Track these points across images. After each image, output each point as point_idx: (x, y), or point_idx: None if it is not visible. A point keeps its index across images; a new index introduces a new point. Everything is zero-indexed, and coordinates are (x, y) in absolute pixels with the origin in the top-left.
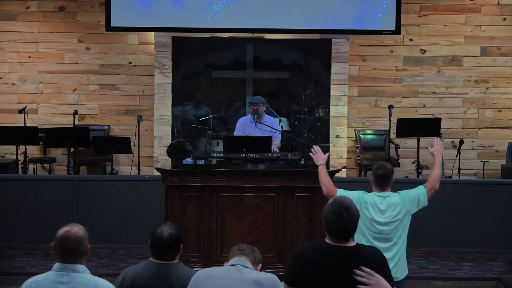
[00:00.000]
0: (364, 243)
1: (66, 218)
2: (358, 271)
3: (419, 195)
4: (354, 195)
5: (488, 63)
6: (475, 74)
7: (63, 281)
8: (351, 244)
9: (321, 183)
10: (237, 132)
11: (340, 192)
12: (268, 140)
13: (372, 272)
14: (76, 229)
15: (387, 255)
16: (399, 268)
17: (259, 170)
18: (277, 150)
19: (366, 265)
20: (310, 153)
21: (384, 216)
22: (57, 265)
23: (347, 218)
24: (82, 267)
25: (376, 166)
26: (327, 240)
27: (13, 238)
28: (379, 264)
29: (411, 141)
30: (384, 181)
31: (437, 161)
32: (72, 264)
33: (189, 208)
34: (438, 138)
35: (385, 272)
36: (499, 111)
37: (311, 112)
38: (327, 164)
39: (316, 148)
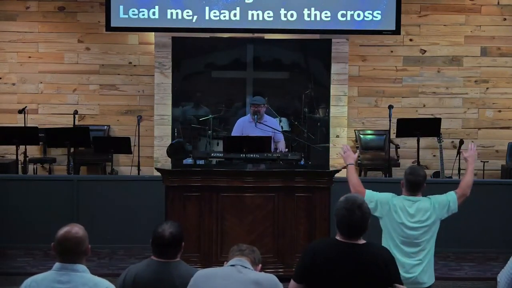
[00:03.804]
0: (392, 246)
1: (66, 218)
2: None
3: (449, 201)
4: (383, 197)
5: (488, 63)
6: (475, 74)
7: (62, 280)
8: (361, 241)
9: (349, 183)
10: (234, 133)
11: (369, 193)
12: (268, 140)
13: None
14: (76, 229)
15: (414, 261)
16: (427, 274)
17: (259, 170)
18: (286, 150)
19: (376, 264)
20: (340, 153)
21: (413, 220)
22: (57, 264)
23: (359, 215)
24: (82, 267)
25: (409, 171)
26: (337, 237)
27: (13, 238)
28: (389, 264)
29: (411, 141)
30: (415, 187)
31: (470, 168)
32: (72, 263)
33: (189, 208)
34: (473, 143)
35: (394, 272)
36: (499, 111)
37: (311, 112)
38: (328, 163)
39: (345, 147)
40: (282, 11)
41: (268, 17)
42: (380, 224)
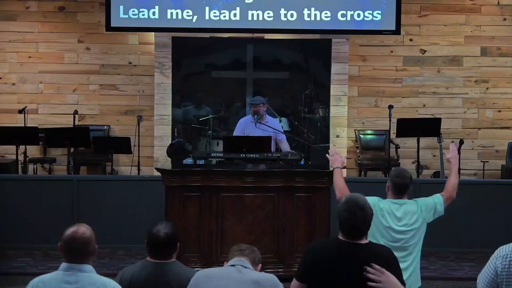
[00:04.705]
0: None
1: (66, 218)
2: (368, 268)
3: (436, 203)
4: (369, 201)
5: (488, 63)
6: (475, 74)
7: (70, 280)
8: (364, 241)
9: (335, 186)
10: (236, 133)
11: None
12: (268, 140)
13: (383, 269)
14: (83, 229)
15: (402, 265)
16: (413, 279)
17: (259, 170)
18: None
19: (379, 263)
20: (327, 155)
21: (400, 224)
22: (64, 265)
23: (360, 217)
24: (89, 267)
25: (395, 173)
26: (340, 237)
27: (13, 238)
28: (392, 263)
29: (411, 141)
30: (402, 190)
31: (453, 169)
32: (79, 264)
33: (189, 208)
34: (454, 144)
35: (396, 272)
36: (499, 111)
37: (311, 112)
38: (328, 163)
39: (332, 150)
40: (282, 11)
41: (268, 17)
42: None
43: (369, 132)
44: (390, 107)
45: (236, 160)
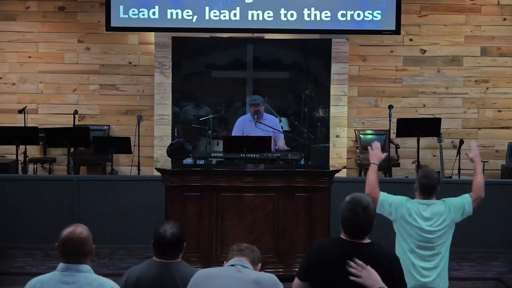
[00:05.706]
0: (407, 250)
1: (66, 218)
2: (351, 263)
3: (464, 204)
4: (397, 201)
5: (488, 63)
6: (475, 74)
7: (68, 281)
8: (366, 241)
9: (366, 181)
10: (235, 132)
11: (384, 196)
12: (268, 140)
13: (364, 265)
14: (80, 229)
15: (429, 264)
16: (442, 279)
17: (259, 170)
18: (285, 147)
19: (381, 263)
20: (369, 147)
21: (428, 224)
22: (61, 265)
23: (363, 217)
24: (86, 267)
25: (422, 174)
26: (342, 236)
27: (13, 238)
28: (393, 264)
29: (411, 141)
30: (429, 190)
31: (478, 168)
32: (76, 264)
33: (189, 208)
34: (474, 142)
35: (398, 272)
36: (499, 111)
37: (311, 112)
38: (328, 163)
39: (374, 144)
40: (282, 11)
41: (268, 17)
42: (394, 228)
43: (369, 132)
44: (390, 107)
45: (236, 160)
